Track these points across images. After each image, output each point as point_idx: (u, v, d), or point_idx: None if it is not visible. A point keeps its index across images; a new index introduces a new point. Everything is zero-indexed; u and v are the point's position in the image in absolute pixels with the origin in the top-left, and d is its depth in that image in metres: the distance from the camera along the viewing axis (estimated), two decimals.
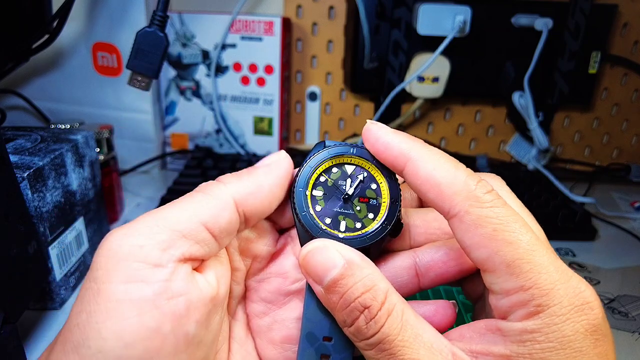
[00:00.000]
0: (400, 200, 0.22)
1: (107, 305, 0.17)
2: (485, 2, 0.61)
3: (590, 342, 0.18)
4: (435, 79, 0.64)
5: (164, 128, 0.69)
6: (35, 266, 0.32)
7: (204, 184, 0.21)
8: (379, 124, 0.22)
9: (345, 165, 0.23)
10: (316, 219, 0.22)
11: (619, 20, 0.65)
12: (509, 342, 0.19)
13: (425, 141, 0.22)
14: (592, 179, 0.70)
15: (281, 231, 0.26)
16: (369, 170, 0.23)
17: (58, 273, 0.38)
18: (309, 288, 0.22)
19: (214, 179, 0.22)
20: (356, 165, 0.23)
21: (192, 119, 0.68)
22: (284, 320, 0.24)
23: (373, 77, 0.66)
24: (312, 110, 0.72)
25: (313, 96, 0.71)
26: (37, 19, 0.52)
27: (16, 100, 0.63)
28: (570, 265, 0.49)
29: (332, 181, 0.23)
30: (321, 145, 0.23)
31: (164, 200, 0.54)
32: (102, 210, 0.47)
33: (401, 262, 0.24)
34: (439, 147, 0.73)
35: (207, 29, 0.63)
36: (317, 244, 0.21)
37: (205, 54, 0.64)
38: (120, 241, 0.18)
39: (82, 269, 0.42)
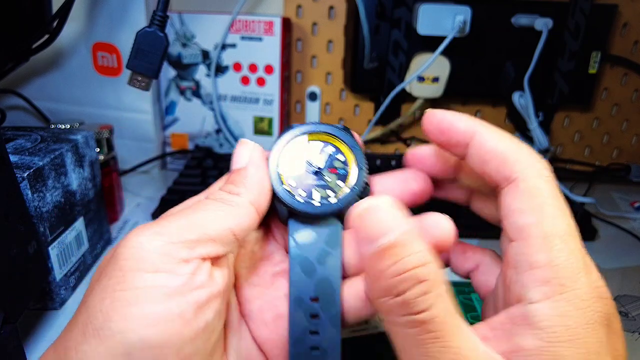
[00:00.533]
0: (365, 166, 0.24)
1: (134, 292, 0.18)
2: (485, 2, 0.61)
3: (605, 333, 0.19)
4: (435, 79, 0.64)
5: (164, 128, 0.69)
6: (35, 266, 0.32)
7: (218, 192, 0.22)
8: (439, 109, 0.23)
9: (313, 142, 0.25)
10: (292, 192, 0.24)
11: (619, 20, 0.65)
12: (537, 329, 0.18)
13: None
14: (592, 179, 0.70)
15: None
16: (335, 143, 0.25)
17: (58, 273, 0.38)
18: (293, 255, 0.23)
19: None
20: (323, 141, 0.25)
21: (192, 119, 0.68)
22: (273, 300, 0.25)
23: (373, 77, 0.66)
24: (312, 110, 0.72)
25: (313, 96, 0.71)
26: (37, 19, 0.52)
27: (16, 100, 0.63)
28: None
29: (303, 157, 0.25)
30: (290, 128, 0.25)
31: (163, 200, 0.54)
32: (102, 210, 0.47)
33: None
34: None
35: (207, 29, 0.63)
36: (378, 203, 0.20)
37: (205, 54, 0.64)
38: (150, 237, 0.19)
39: (82, 268, 0.42)
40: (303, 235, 0.24)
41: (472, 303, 0.42)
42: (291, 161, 0.24)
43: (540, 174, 0.20)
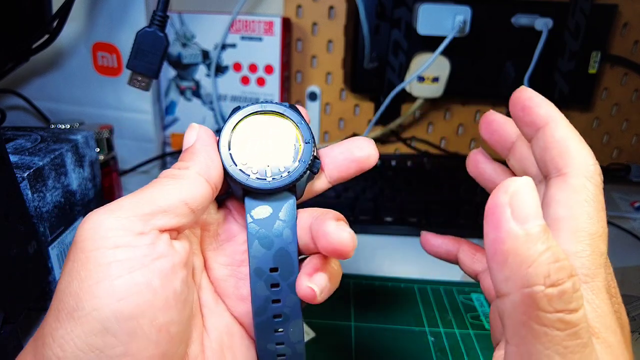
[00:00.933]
0: (313, 140, 0.25)
1: (98, 269, 0.19)
2: (485, 2, 0.61)
3: (619, 325, 0.20)
4: (435, 79, 0.64)
5: (164, 128, 0.69)
6: (35, 266, 0.32)
7: (169, 170, 0.23)
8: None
9: (261, 121, 0.25)
10: (244, 171, 0.24)
11: (619, 20, 0.65)
12: None
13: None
14: None
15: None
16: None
17: (58, 273, 0.38)
18: (251, 230, 0.24)
19: None
20: (271, 120, 0.26)
21: (192, 119, 0.68)
22: (247, 276, 0.25)
23: (373, 77, 0.66)
24: (312, 110, 0.72)
25: (313, 96, 0.71)
26: (37, 19, 0.52)
27: (16, 100, 0.63)
28: None
29: (253, 136, 0.25)
30: (237, 109, 0.25)
31: None
32: None
33: (303, 222, 0.25)
34: (439, 147, 0.73)
35: (207, 29, 0.63)
36: (528, 182, 0.18)
37: (205, 54, 0.64)
38: (104, 215, 0.20)
39: None
40: (259, 211, 0.24)
41: (472, 303, 0.42)
42: (241, 141, 0.25)
43: (590, 176, 0.21)
